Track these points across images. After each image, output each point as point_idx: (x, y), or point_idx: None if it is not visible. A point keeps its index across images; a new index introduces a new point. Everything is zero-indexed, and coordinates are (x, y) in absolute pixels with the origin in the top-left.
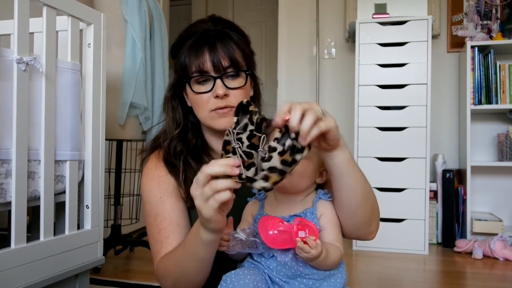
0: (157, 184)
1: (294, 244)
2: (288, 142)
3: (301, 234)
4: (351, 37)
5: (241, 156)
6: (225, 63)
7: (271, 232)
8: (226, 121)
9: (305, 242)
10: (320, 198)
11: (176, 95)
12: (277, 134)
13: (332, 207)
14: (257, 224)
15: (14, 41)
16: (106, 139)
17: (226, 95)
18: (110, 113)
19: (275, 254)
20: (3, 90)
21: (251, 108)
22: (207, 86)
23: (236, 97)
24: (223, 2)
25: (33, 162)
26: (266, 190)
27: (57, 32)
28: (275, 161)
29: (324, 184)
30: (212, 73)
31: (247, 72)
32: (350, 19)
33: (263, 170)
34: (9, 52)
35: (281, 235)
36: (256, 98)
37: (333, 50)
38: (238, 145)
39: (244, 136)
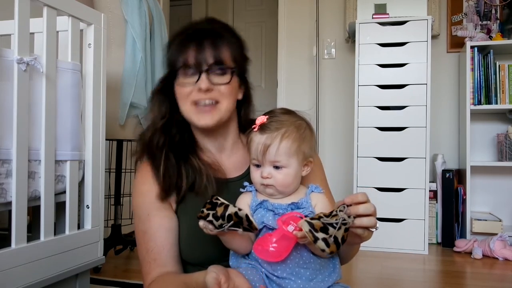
0: (143, 200)
1: (294, 239)
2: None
3: (291, 228)
4: (351, 37)
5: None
6: (209, 60)
7: (271, 249)
8: (208, 118)
9: (299, 229)
10: (312, 191)
11: (164, 90)
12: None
13: (324, 198)
14: (254, 253)
15: (15, 41)
16: (106, 139)
17: (209, 90)
18: (110, 113)
19: None
20: (3, 90)
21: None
22: (192, 79)
23: (221, 93)
24: (223, 2)
25: (34, 162)
26: (322, 251)
27: (57, 32)
28: (340, 233)
29: None
30: (198, 67)
31: (233, 70)
32: (350, 19)
33: (327, 233)
34: (10, 52)
35: (280, 243)
36: (246, 103)
37: (333, 50)
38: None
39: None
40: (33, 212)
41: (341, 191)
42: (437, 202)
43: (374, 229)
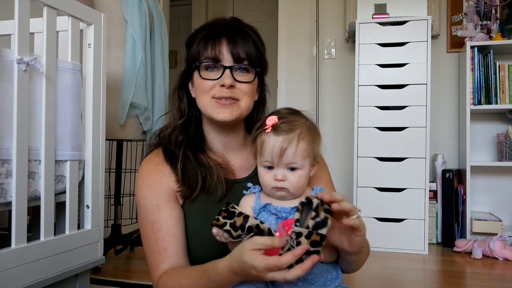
0: (152, 191)
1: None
2: (311, 223)
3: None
4: (351, 37)
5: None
6: (235, 56)
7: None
8: (227, 113)
9: None
10: (317, 192)
11: (184, 86)
12: (296, 215)
13: None
14: None
15: (15, 41)
16: (106, 139)
17: (232, 86)
18: (110, 113)
19: None
20: (3, 90)
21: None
22: (215, 74)
23: (242, 91)
24: (223, 2)
25: (34, 162)
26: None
27: (57, 32)
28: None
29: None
30: (224, 63)
31: (257, 70)
32: (350, 19)
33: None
34: (10, 52)
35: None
36: (260, 105)
37: (333, 50)
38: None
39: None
40: (33, 212)
41: (341, 191)
42: (437, 202)
43: (357, 214)
